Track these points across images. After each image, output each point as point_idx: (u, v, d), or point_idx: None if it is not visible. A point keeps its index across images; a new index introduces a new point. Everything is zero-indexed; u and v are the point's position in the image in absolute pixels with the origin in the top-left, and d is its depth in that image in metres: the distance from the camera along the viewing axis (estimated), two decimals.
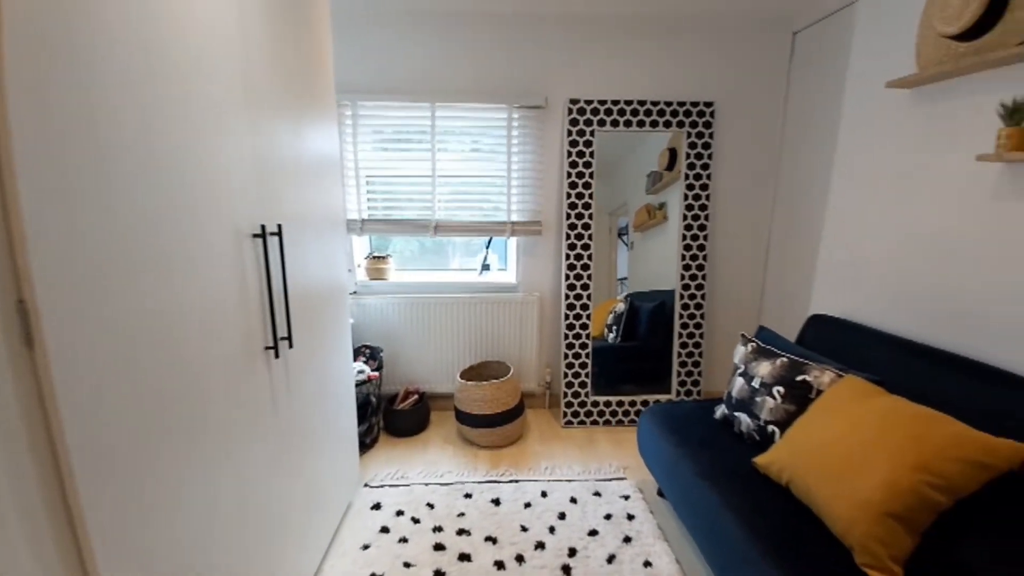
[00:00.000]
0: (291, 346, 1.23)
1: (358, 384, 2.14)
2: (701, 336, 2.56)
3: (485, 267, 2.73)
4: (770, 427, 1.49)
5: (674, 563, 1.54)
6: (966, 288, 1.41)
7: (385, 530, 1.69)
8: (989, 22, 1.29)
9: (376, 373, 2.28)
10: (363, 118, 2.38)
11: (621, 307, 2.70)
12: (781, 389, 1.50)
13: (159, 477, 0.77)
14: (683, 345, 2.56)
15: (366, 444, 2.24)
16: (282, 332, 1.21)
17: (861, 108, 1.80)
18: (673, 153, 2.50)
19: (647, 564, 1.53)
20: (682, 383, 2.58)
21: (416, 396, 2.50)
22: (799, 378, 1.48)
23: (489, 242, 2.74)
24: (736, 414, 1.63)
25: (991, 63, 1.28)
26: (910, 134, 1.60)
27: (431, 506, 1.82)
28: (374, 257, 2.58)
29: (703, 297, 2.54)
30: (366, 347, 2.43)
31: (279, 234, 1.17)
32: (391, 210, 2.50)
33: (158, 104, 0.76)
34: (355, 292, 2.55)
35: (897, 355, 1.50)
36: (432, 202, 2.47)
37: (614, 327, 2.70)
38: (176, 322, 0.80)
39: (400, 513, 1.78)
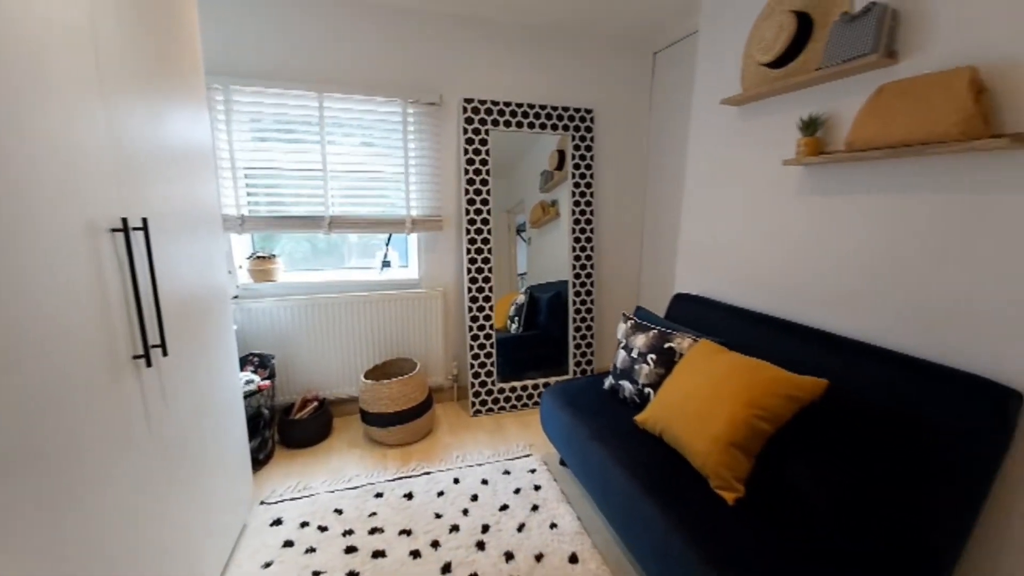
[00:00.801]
0: (165, 354, 1.11)
1: (247, 396, 1.96)
2: (592, 319, 2.82)
3: (386, 264, 2.68)
4: (647, 389, 1.74)
5: (576, 520, 1.71)
6: (781, 265, 1.80)
7: (289, 544, 1.59)
8: (793, 53, 1.66)
9: (267, 382, 2.10)
10: (238, 104, 2.16)
11: (522, 299, 2.86)
12: (653, 356, 1.75)
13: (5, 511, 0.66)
14: (577, 329, 2.81)
15: (259, 460, 2.06)
16: (154, 339, 1.08)
17: (704, 120, 2.16)
18: (562, 154, 2.72)
19: (553, 526, 1.68)
20: (577, 363, 2.83)
21: (316, 403, 2.36)
22: (666, 345, 1.74)
23: (389, 239, 2.69)
24: (620, 382, 1.86)
25: (793, 86, 1.64)
26: (739, 142, 1.97)
27: (339, 512, 1.76)
28: (258, 257, 2.37)
29: (592, 285, 2.80)
30: (254, 355, 2.23)
31: (144, 229, 1.04)
32: (276, 206, 2.32)
33: None
34: (237, 296, 2.31)
35: (736, 321, 1.86)
36: (325, 197, 2.35)
37: (516, 318, 2.85)
38: (9, 331, 0.69)
39: (305, 524, 1.69)
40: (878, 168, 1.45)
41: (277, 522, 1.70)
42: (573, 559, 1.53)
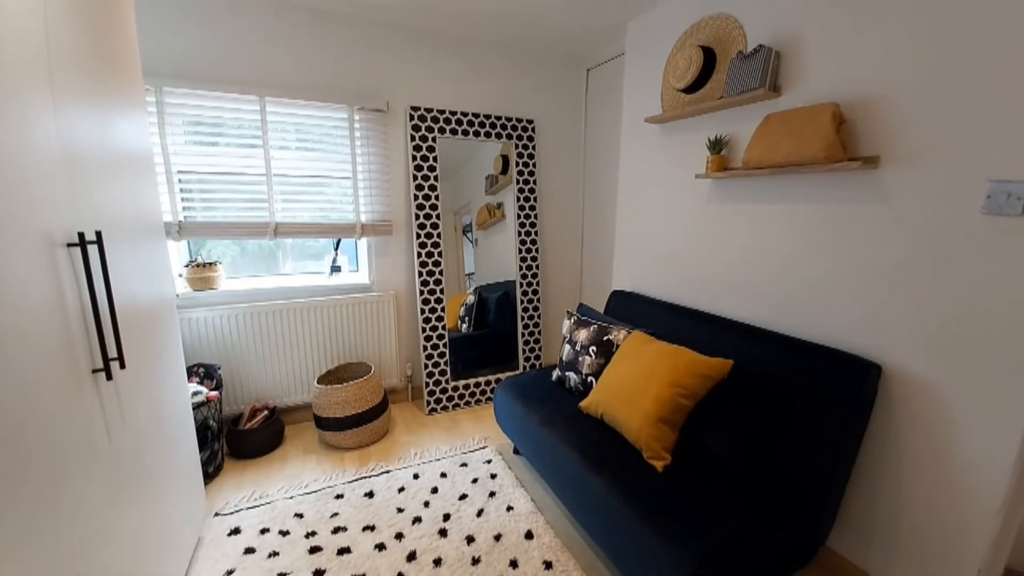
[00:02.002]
0: (123, 366, 1.11)
1: (194, 407, 1.91)
2: (539, 317, 3.01)
3: (335, 269, 2.68)
4: (589, 378, 1.94)
5: (530, 502, 1.87)
6: (695, 262, 2.08)
7: (250, 551, 1.60)
8: (702, 81, 1.92)
9: (215, 393, 2.06)
10: (172, 107, 2.08)
11: (471, 299, 2.97)
12: (594, 348, 1.95)
13: None
14: (525, 326, 2.98)
15: (209, 474, 2.02)
16: (111, 352, 1.08)
17: (632, 135, 2.41)
18: (506, 159, 2.87)
19: (509, 508, 1.83)
20: (527, 358, 3.00)
21: (266, 412, 2.33)
22: (605, 338, 1.95)
23: (338, 243, 2.69)
24: (566, 373, 2.05)
25: (703, 110, 1.91)
26: (661, 156, 2.24)
27: (300, 516, 1.79)
28: (197, 265, 2.29)
29: (538, 284, 2.99)
30: (199, 366, 2.16)
31: (99, 242, 1.04)
32: (213, 211, 2.25)
33: None
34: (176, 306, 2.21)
35: (663, 313, 2.11)
36: (270, 203, 2.32)
37: (466, 318, 2.97)
38: None
39: (265, 531, 1.70)
40: (766, 182, 1.74)
41: (235, 531, 1.70)
42: (528, 535, 1.69)
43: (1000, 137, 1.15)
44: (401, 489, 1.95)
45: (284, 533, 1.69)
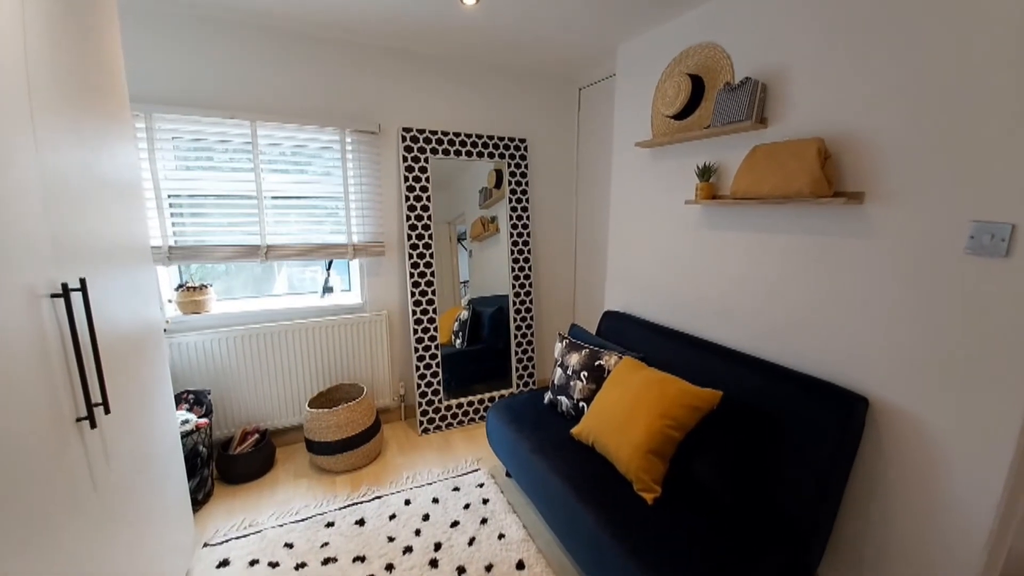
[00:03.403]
0: (107, 411, 1.10)
1: (183, 436, 1.90)
2: (532, 334, 3.01)
3: (328, 290, 2.67)
4: (581, 403, 1.94)
5: (522, 529, 1.87)
6: (684, 286, 2.09)
7: None
8: (691, 109, 1.94)
9: (205, 420, 2.04)
10: (162, 132, 2.08)
11: (465, 314, 2.98)
12: (586, 373, 1.96)
13: None
14: (519, 344, 2.98)
15: (199, 500, 2.00)
16: (96, 397, 1.07)
17: (623, 158, 2.43)
18: (499, 174, 2.88)
19: (501, 536, 1.83)
20: (520, 376, 3.00)
21: (256, 436, 2.32)
22: (597, 363, 1.96)
23: (330, 264, 2.69)
24: (558, 397, 2.05)
25: (691, 137, 1.92)
26: (651, 180, 2.25)
27: (290, 546, 1.77)
28: (187, 288, 2.28)
29: (531, 302, 2.99)
30: (189, 392, 2.14)
31: (83, 289, 1.04)
32: (204, 235, 2.25)
33: None
34: (165, 330, 2.20)
35: (653, 336, 2.12)
36: (260, 225, 2.31)
37: (460, 333, 2.96)
38: None
39: (254, 563, 1.69)
40: (753, 211, 1.76)
41: (224, 563, 1.68)
42: (520, 566, 1.68)
43: (984, 178, 1.17)
44: (392, 516, 1.94)
45: (273, 565, 1.68)
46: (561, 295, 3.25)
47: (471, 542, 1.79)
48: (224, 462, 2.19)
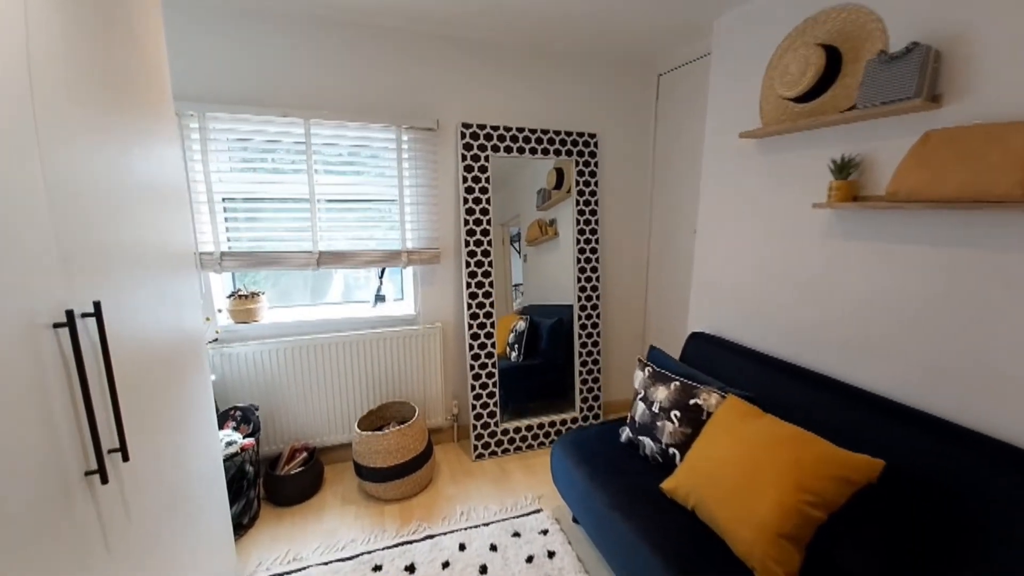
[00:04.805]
0: (126, 459, 0.93)
1: (228, 458, 1.77)
2: (599, 352, 2.69)
3: (379, 298, 2.50)
4: (671, 449, 1.61)
5: None
6: (801, 307, 1.70)
7: None
8: (821, 88, 1.56)
9: (251, 440, 1.91)
10: (215, 132, 1.97)
11: (522, 325, 2.71)
12: (678, 413, 1.62)
13: None
14: (583, 363, 2.67)
15: (243, 525, 1.87)
16: (111, 443, 0.90)
17: (718, 152, 2.05)
18: (560, 173, 2.59)
19: None
20: (584, 399, 2.69)
21: (305, 454, 2.18)
22: (692, 401, 1.61)
23: (383, 272, 2.52)
24: (640, 438, 1.73)
25: (821, 123, 1.54)
26: (756, 178, 1.87)
27: None
28: (239, 296, 2.18)
29: (598, 316, 2.67)
30: (236, 409, 2.03)
31: (97, 314, 0.86)
32: (259, 241, 2.13)
33: None
34: (216, 340, 2.11)
35: (758, 368, 1.74)
36: (313, 231, 2.17)
37: (516, 345, 2.71)
38: None
39: None
40: (917, 218, 1.35)
41: None
42: None
43: None
44: (446, 564, 1.70)
45: None
46: (630, 309, 2.90)
47: None
48: (271, 483, 2.06)
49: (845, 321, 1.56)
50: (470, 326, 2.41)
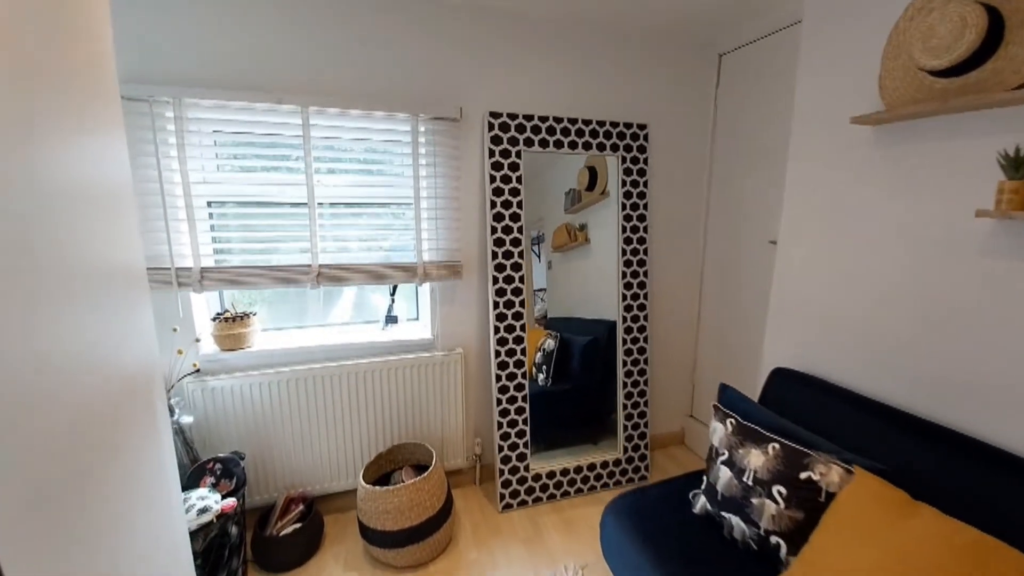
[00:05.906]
0: None
1: (199, 528, 1.42)
2: (646, 383, 2.29)
3: (391, 319, 2.15)
4: (773, 538, 1.21)
5: None
6: (953, 352, 1.28)
7: None
8: (977, 60, 1.15)
9: (232, 501, 1.55)
10: (194, 123, 1.63)
11: (551, 344, 2.33)
12: (783, 490, 1.22)
13: None
14: (628, 394, 2.27)
15: None
16: None
17: (811, 144, 1.64)
18: (593, 172, 2.19)
19: None
20: (628, 437, 2.29)
21: (302, 506, 1.83)
22: (803, 475, 1.21)
23: (394, 288, 2.16)
24: (725, 515, 1.33)
25: (988, 104, 1.13)
26: (873, 176, 1.45)
27: None
28: (225, 319, 1.83)
29: (645, 340, 2.28)
30: (215, 462, 1.68)
31: None
32: (249, 254, 1.78)
33: None
34: (197, 371, 1.77)
35: (885, 427, 1.33)
36: (311, 240, 1.81)
37: (544, 367, 2.32)
38: None
39: None
40: None
41: None
42: None
43: None
44: None
45: None
46: (681, 331, 2.50)
47: None
48: (261, 545, 1.71)
49: (1013, 369, 1.15)
50: (497, 353, 2.04)
